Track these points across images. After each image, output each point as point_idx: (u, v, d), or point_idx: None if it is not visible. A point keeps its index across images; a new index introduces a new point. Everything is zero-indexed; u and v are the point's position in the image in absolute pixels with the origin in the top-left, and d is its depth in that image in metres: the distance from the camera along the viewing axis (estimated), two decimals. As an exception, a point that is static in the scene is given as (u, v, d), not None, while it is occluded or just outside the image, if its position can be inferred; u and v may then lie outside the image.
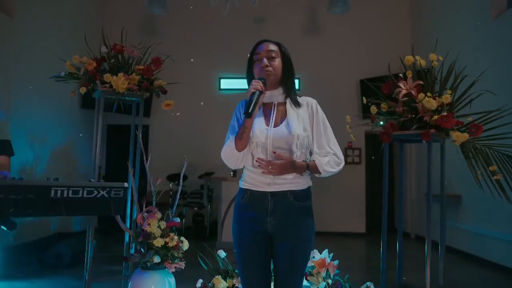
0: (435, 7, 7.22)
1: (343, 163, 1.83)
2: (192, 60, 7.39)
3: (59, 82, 3.28)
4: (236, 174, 6.45)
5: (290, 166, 1.73)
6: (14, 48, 5.38)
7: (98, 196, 1.73)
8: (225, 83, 8.20)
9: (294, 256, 1.75)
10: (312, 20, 8.25)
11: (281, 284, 1.77)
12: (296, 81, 8.04)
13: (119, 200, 1.78)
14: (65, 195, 1.64)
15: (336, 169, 1.80)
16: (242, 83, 7.57)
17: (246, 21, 8.13)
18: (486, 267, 5.17)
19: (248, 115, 1.69)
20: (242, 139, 1.76)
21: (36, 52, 5.80)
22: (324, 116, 1.87)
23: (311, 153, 1.85)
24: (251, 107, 1.69)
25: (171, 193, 6.72)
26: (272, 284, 1.84)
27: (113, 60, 2.95)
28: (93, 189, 1.70)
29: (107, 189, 1.74)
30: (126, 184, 1.78)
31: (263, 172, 1.73)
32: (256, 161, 1.75)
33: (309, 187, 1.84)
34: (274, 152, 1.74)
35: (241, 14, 7.84)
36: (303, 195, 1.80)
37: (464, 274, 4.98)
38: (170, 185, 6.70)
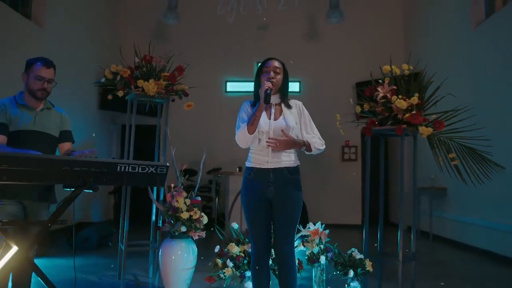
0: (425, 16, 7.85)
1: (324, 145, 2.53)
2: (190, 66, 8.02)
3: (80, 87, 3.85)
4: (242, 169, 7.07)
5: (292, 142, 2.41)
6: (44, 55, 6.02)
7: (149, 171, 2.35)
8: (231, 86, 8.83)
9: (288, 213, 2.43)
10: (312, 27, 8.88)
11: (279, 234, 2.43)
12: (297, 84, 8.82)
13: (163, 175, 2.41)
14: (126, 169, 2.27)
15: (321, 148, 2.50)
16: (246, 86, 8.33)
17: (250, 28, 8.77)
18: (467, 251, 5.77)
19: (266, 102, 2.39)
20: (253, 125, 2.40)
21: (62, 58, 6.44)
22: (308, 113, 2.57)
23: None
24: (267, 98, 2.38)
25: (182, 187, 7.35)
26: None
27: (144, 69, 3.57)
28: (145, 166, 2.32)
29: (155, 166, 2.36)
30: (168, 164, 2.41)
31: (272, 148, 2.36)
32: (267, 141, 2.38)
33: (298, 165, 2.52)
34: (282, 130, 2.39)
35: (245, 21, 8.49)
36: (294, 171, 2.49)
37: (447, 256, 5.58)
38: (182, 179, 7.33)
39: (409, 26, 8.57)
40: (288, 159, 2.47)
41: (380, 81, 3.32)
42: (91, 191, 2.15)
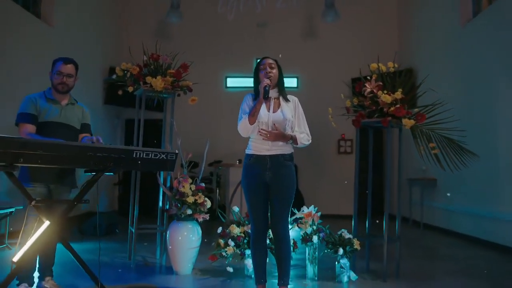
0: (418, 13, 8.16)
1: (310, 140, 2.85)
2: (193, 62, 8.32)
3: (86, 82, 4.08)
4: (241, 161, 7.40)
5: (281, 135, 2.73)
6: (52, 53, 6.32)
7: (160, 158, 2.67)
8: (231, 82, 9.15)
9: (283, 194, 2.76)
10: (309, 25, 9.18)
11: (276, 213, 2.76)
12: (294, 80, 9.12)
13: (173, 161, 2.73)
14: (141, 156, 2.59)
15: (307, 143, 2.83)
16: (246, 82, 8.64)
17: (250, 25, 9.07)
18: (453, 237, 6.12)
19: (265, 98, 2.71)
20: (254, 116, 2.72)
21: (69, 55, 6.73)
22: (302, 110, 2.88)
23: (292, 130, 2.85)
24: (266, 94, 2.70)
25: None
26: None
27: (152, 66, 3.89)
28: (157, 153, 2.65)
29: (166, 153, 2.68)
30: (177, 151, 2.74)
31: (263, 138, 2.69)
32: (259, 131, 2.71)
33: (292, 153, 2.84)
34: (274, 125, 2.72)
35: (245, 19, 8.81)
36: (289, 157, 2.81)
37: (434, 242, 5.92)
38: (184, 171, 7.67)
39: (402, 24, 8.89)
40: (284, 147, 2.79)
41: (368, 77, 3.64)
42: (112, 173, 2.48)
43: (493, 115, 5.33)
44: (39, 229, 2.36)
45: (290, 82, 8.89)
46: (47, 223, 2.37)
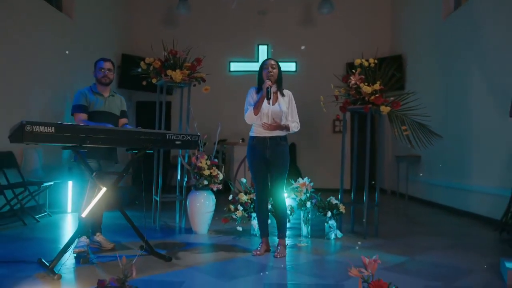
0: (408, 5, 8.79)
1: (299, 127, 3.58)
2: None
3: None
4: (244, 140, 8.17)
5: (278, 126, 3.47)
6: (73, 43, 7.00)
7: (187, 139, 3.43)
8: (234, 66, 9.83)
9: (280, 167, 3.52)
10: (307, 13, 9.80)
11: (274, 182, 3.53)
12: (293, 64, 9.82)
13: (195, 142, 3.49)
14: (172, 138, 3.35)
15: (296, 130, 3.56)
16: (248, 66, 9.39)
17: (251, 13, 9.71)
18: (432, 207, 6.95)
19: (268, 98, 3.41)
20: (257, 109, 3.45)
21: (87, 44, 7.43)
22: (294, 103, 3.60)
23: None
24: (268, 95, 3.40)
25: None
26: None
27: (171, 61, 4.59)
28: (184, 135, 3.40)
29: (190, 135, 3.44)
30: (199, 133, 3.49)
31: (264, 128, 3.44)
32: (263, 124, 3.45)
33: (286, 135, 3.57)
34: (273, 119, 3.45)
35: (246, 7, 9.44)
36: (284, 139, 3.56)
37: (416, 211, 6.74)
38: (201, 149, 8.46)
39: (394, 14, 9.53)
40: (279, 131, 3.53)
41: (353, 72, 4.36)
42: (151, 151, 3.24)
43: (467, 101, 6.06)
44: (98, 194, 3.14)
45: (289, 66, 9.58)
46: (104, 189, 3.15)
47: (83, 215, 3.10)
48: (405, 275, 3.01)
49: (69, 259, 3.18)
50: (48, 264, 2.91)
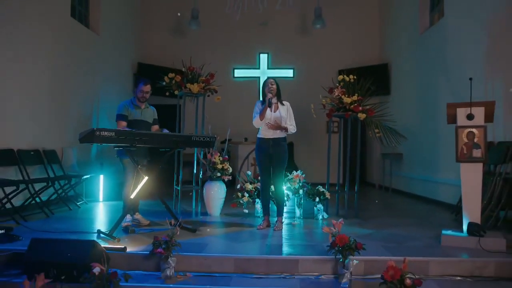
0: (393, 18, 9.86)
1: (295, 129, 4.63)
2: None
3: (120, 76, 5.79)
4: (247, 139, 9.23)
5: (279, 127, 4.52)
6: (98, 56, 8.06)
7: (206, 140, 4.50)
8: (238, 72, 10.90)
9: (280, 162, 4.58)
10: (303, 25, 10.87)
11: (275, 174, 4.60)
12: (291, 71, 10.88)
13: (212, 142, 4.56)
14: (196, 139, 4.41)
15: (293, 131, 4.61)
16: (250, 73, 10.49)
17: (253, 24, 10.77)
18: (411, 197, 8.03)
19: (270, 106, 4.45)
20: (262, 115, 4.51)
21: (110, 57, 8.50)
22: (291, 111, 4.65)
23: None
24: (270, 105, 4.45)
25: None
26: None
27: (190, 76, 5.66)
28: (204, 137, 4.47)
29: (209, 137, 4.51)
30: (215, 135, 4.56)
31: (268, 127, 4.49)
32: (267, 124, 4.50)
33: (285, 136, 4.62)
34: (275, 121, 4.51)
35: (249, 19, 10.51)
36: (283, 139, 4.61)
37: (396, 201, 7.80)
38: (214, 147, 9.53)
39: (381, 27, 10.61)
40: (280, 134, 4.58)
41: (339, 83, 5.41)
42: (182, 148, 4.33)
43: (438, 106, 7.13)
44: (141, 182, 4.21)
45: (287, 73, 10.66)
46: (146, 178, 4.22)
47: (132, 196, 4.18)
48: (369, 240, 4.08)
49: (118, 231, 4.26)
50: (107, 233, 3.98)
